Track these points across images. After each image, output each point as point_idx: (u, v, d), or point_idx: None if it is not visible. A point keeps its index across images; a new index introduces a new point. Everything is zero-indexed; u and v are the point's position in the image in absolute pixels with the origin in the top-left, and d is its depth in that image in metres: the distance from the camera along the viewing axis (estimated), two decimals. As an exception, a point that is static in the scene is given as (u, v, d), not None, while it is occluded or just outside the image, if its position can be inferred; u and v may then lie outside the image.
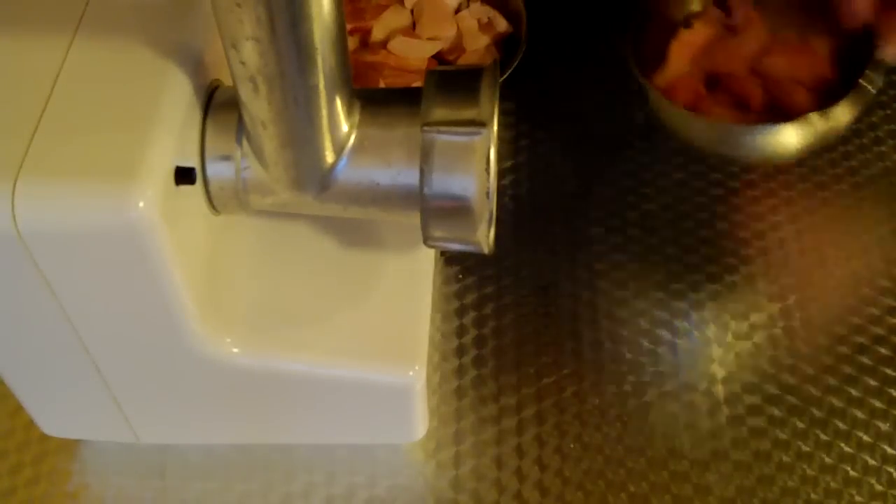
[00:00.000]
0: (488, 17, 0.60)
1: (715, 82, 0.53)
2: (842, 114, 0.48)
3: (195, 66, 0.35)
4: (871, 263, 0.54)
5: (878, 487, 0.46)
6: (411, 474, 0.47)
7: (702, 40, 0.54)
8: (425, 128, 0.34)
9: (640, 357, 0.50)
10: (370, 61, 0.57)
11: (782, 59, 0.51)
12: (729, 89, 0.52)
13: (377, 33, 0.59)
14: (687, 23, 0.55)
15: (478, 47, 0.59)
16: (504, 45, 0.60)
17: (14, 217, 0.32)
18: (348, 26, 0.57)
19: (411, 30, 0.59)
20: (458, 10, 0.60)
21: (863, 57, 0.48)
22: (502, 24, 0.60)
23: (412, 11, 0.60)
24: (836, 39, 0.51)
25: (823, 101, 0.49)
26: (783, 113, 0.50)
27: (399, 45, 0.58)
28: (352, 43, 0.58)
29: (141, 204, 0.31)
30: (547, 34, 0.65)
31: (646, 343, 0.51)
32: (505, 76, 0.57)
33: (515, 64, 0.57)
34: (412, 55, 0.57)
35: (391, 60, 0.57)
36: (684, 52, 0.53)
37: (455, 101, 0.35)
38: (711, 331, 0.51)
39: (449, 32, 0.59)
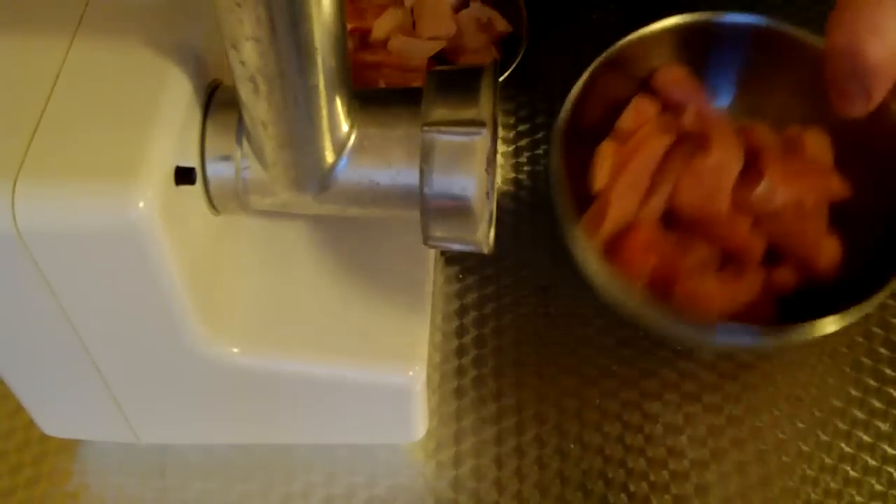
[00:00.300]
0: (488, 17, 0.60)
1: (674, 222, 0.38)
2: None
3: (195, 66, 0.35)
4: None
5: (878, 487, 0.46)
6: (411, 474, 0.47)
7: (648, 161, 0.37)
8: (425, 128, 0.34)
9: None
10: (370, 61, 0.57)
11: (782, 182, 0.35)
12: (705, 233, 0.37)
13: (377, 33, 0.58)
14: (610, 124, 0.40)
15: (478, 47, 0.59)
16: (504, 45, 0.60)
17: (14, 217, 0.32)
18: (348, 26, 0.57)
19: (411, 29, 0.59)
20: (457, 10, 0.60)
21: (869, 152, 0.35)
22: (502, 24, 0.60)
23: (412, 11, 0.60)
24: (831, 129, 0.38)
25: (851, 237, 0.36)
26: (798, 268, 0.36)
27: (399, 44, 0.58)
28: (351, 43, 0.58)
29: (141, 204, 0.31)
30: (547, 34, 0.65)
31: (646, 343, 0.51)
32: (505, 76, 0.57)
33: (515, 64, 0.57)
34: (412, 55, 0.57)
35: (391, 60, 0.57)
36: (629, 181, 0.36)
37: (455, 101, 0.35)
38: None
39: (449, 32, 0.59)
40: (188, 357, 0.39)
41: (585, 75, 0.39)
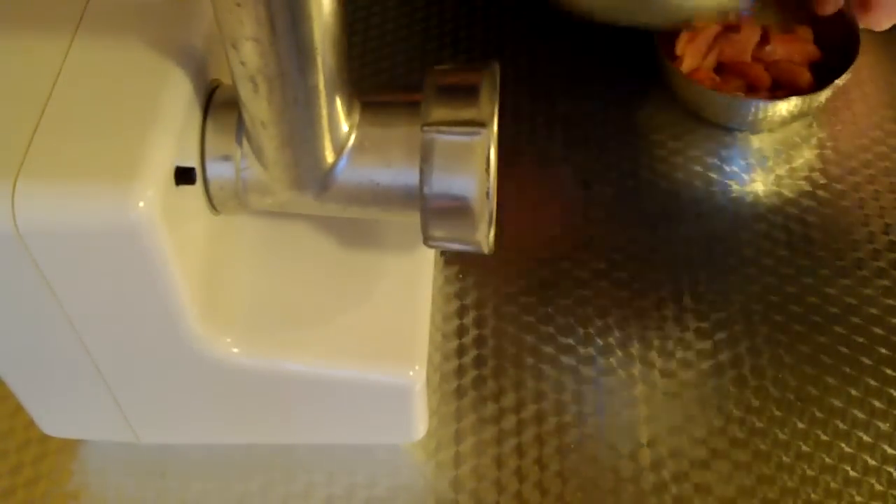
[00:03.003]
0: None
1: (722, 70, 0.62)
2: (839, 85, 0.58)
3: (195, 66, 0.35)
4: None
5: (878, 487, 0.46)
6: (411, 474, 0.47)
7: (707, 38, 0.62)
8: (425, 128, 0.34)
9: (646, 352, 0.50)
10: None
11: (780, 45, 0.62)
12: (738, 74, 0.62)
13: None
14: (689, 27, 0.63)
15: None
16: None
17: (14, 217, 0.32)
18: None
19: None
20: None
21: (838, 35, 0.60)
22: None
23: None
24: (814, 26, 0.62)
25: (818, 76, 0.60)
26: (788, 90, 0.60)
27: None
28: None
29: (141, 204, 0.31)
30: (547, 34, 0.65)
31: (655, 341, 0.51)
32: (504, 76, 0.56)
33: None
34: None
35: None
36: (696, 48, 0.62)
37: (455, 100, 0.35)
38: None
39: None
40: (188, 357, 0.39)
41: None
